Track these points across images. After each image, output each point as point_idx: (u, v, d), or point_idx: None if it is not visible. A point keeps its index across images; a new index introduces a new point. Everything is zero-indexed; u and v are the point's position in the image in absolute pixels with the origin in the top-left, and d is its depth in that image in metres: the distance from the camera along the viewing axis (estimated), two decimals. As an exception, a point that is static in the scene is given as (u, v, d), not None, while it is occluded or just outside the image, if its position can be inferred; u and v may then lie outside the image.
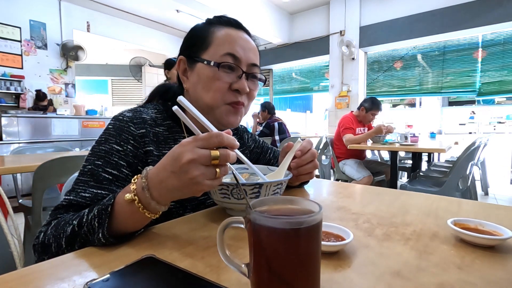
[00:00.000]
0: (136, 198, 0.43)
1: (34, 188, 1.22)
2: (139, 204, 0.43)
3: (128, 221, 0.45)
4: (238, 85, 0.63)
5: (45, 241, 0.47)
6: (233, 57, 0.63)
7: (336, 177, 3.17)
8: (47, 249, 0.47)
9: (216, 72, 0.62)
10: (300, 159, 0.65)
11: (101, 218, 0.44)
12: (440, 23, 4.24)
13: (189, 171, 0.39)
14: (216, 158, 0.40)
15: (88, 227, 0.44)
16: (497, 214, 0.58)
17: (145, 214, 0.43)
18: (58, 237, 0.46)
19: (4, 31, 3.97)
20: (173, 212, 0.62)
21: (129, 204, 0.43)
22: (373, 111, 3.00)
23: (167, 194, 0.43)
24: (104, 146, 0.58)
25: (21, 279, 0.35)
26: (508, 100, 9.70)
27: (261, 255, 0.29)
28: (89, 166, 0.56)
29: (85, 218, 0.46)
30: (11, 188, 3.08)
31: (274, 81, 6.67)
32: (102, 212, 0.44)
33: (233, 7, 4.45)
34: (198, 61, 0.64)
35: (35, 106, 4.08)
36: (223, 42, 0.63)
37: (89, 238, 0.45)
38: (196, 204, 0.65)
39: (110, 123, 0.62)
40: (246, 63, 0.64)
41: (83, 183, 0.55)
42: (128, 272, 0.34)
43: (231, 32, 0.65)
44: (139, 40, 5.78)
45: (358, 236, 0.47)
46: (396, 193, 0.76)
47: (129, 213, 0.44)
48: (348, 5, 5.00)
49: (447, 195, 0.75)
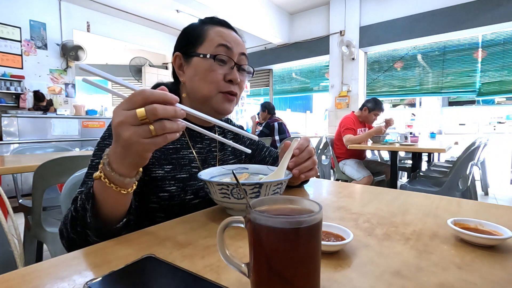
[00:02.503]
0: (102, 174, 0.45)
1: (34, 188, 1.22)
2: (105, 179, 0.45)
3: (105, 200, 0.48)
4: (231, 76, 0.70)
5: (61, 229, 0.53)
6: (225, 47, 0.69)
7: (336, 177, 3.17)
8: (62, 235, 0.53)
9: (211, 64, 0.68)
10: (298, 157, 0.65)
11: (88, 200, 0.48)
12: (440, 23, 4.24)
13: (121, 133, 0.40)
14: (143, 117, 0.38)
15: (83, 210, 0.48)
16: (497, 214, 0.58)
17: (114, 189, 0.45)
18: (65, 223, 0.51)
19: (4, 31, 3.97)
20: (175, 196, 0.66)
21: (99, 182, 0.46)
22: (376, 112, 3.01)
23: (122, 163, 0.44)
24: (108, 140, 0.63)
25: (21, 278, 0.35)
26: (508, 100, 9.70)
27: (261, 254, 0.29)
28: (96, 160, 0.61)
29: (79, 203, 0.50)
30: (11, 188, 3.08)
31: (274, 81, 6.67)
32: (87, 194, 0.48)
33: (233, 7, 4.44)
34: (194, 56, 0.70)
35: (36, 107, 4.07)
36: (216, 36, 0.70)
37: (86, 220, 0.48)
38: (196, 189, 0.70)
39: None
40: (237, 53, 0.72)
41: (91, 175, 0.58)
42: (128, 272, 0.34)
43: (222, 29, 0.72)
44: (139, 40, 5.78)
45: (358, 236, 0.47)
46: (396, 193, 0.76)
47: (102, 190, 0.47)
48: (348, 5, 5.00)
49: (447, 195, 0.75)
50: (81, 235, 0.49)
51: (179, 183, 0.68)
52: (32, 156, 1.93)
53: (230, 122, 0.97)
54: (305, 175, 0.66)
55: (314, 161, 0.67)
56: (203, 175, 0.61)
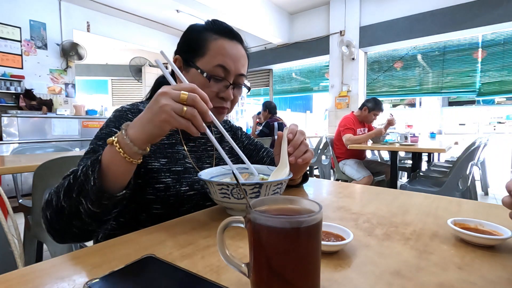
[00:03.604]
0: (115, 139, 0.49)
1: (34, 188, 1.22)
2: (117, 144, 0.49)
3: (111, 166, 0.50)
4: (224, 94, 0.71)
5: (49, 199, 0.54)
6: (223, 69, 0.70)
7: (336, 177, 3.17)
8: (49, 204, 0.53)
9: (206, 82, 0.69)
10: (293, 141, 0.65)
11: (93, 165, 0.50)
12: (440, 23, 4.24)
13: (159, 100, 0.46)
14: (184, 99, 0.46)
15: (84, 176, 0.50)
16: (497, 214, 0.59)
17: (122, 155, 0.48)
18: (57, 192, 0.53)
19: (4, 31, 3.97)
20: (171, 187, 0.68)
21: (110, 146, 0.50)
22: (376, 111, 3.02)
23: (140, 128, 0.48)
24: (105, 130, 0.67)
25: (21, 278, 0.35)
26: (508, 100, 9.70)
27: (261, 254, 0.29)
28: (91, 146, 0.65)
29: (79, 171, 0.52)
30: (11, 188, 3.08)
31: (274, 81, 6.67)
32: (94, 161, 0.51)
33: (233, 7, 4.44)
34: (192, 67, 0.71)
35: (29, 106, 3.99)
36: (216, 54, 0.70)
37: (85, 187, 0.50)
38: (191, 182, 0.71)
39: (111, 114, 0.72)
40: (234, 74, 0.72)
41: (86, 158, 0.62)
42: (128, 272, 0.34)
43: (225, 44, 0.71)
44: (139, 40, 5.78)
45: (358, 236, 0.47)
46: (396, 193, 0.76)
47: (110, 155, 0.50)
48: (348, 5, 4.99)
49: (447, 195, 0.75)
50: (74, 202, 0.51)
51: (174, 175, 0.70)
52: (32, 156, 1.92)
53: (228, 123, 0.98)
54: (302, 158, 0.64)
55: (306, 144, 0.67)
56: (203, 175, 0.61)
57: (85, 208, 0.50)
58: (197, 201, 0.71)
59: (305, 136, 0.67)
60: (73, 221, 0.52)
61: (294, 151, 0.64)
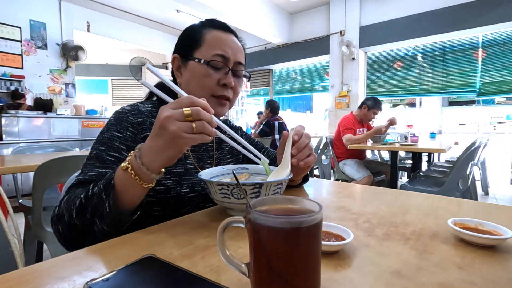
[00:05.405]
0: (129, 165, 0.49)
1: (34, 188, 1.22)
2: (132, 171, 0.49)
3: (125, 191, 0.51)
4: (225, 80, 0.71)
5: (60, 213, 0.54)
6: (222, 57, 0.71)
7: (336, 177, 3.17)
8: (61, 219, 0.54)
9: (206, 70, 0.70)
10: (298, 143, 0.65)
11: (107, 190, 0.50)
12: (440, 23, 4.24)
13: (167, 126, 0.45)
14: (189, 115, 0.45)
15: (97, 199, 0.50)
16: (497, 214, 0.59)
17: (138, 182, 0.49)
18: (69, 209, 0.53)
19: (4, 31, 3.97)
20: (171, 189, 0.67)
21: (124, 172, 0.50)
22: (375, 110, 3.03)
23: (156, 157, 0.48)
24: (107, 134, 0.66)
25: (21, 278, 0.35)
26: (508, 100, 9.69)
27: (262, 254, 0.29)
28: (94, 151, 0.64)
29: (90, 192, 0.52)
30: (11, 188, 3.08)
31: (274, 81, 6.66)
32: (107, 185, 0.51)
33: (233, 7, 4.44)
34: (191, 59, 0.71)
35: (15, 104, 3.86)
36: (214, 44, 0.71)
37: (98, 210, 0.50)
38: (192, 184, 0.71)
39: (112, 116, 0.70)
40: (233, 61, 0.72)
41: (90, 165, 0.62)
42: (128, 272, 0.34)
43: (221, 34, 0.73)
44: (139, 40, 5.78)
45: (358, 236, 0.47)
46: (396, 193, 0.76)
47: (125, 181, 0.50)
48: (348, 5, 4.99)
49: (447, 195, 0.75)
50: (88, 222, 0.51)
51: (175, 177, 0.69)
52: (32, 156, 1.92)
53: (228, 122, 0.98)
54: (304, 161, 0.64)
55: (310, 148, 0.67)
56: (203, 175, 0.61)
57: (99, 228, 0.52)
58: (197, 203, 0.71)
59: (310, 140, 0.67)
60: (86, 236, 0.53)
61: (297, 154, 0.64)
